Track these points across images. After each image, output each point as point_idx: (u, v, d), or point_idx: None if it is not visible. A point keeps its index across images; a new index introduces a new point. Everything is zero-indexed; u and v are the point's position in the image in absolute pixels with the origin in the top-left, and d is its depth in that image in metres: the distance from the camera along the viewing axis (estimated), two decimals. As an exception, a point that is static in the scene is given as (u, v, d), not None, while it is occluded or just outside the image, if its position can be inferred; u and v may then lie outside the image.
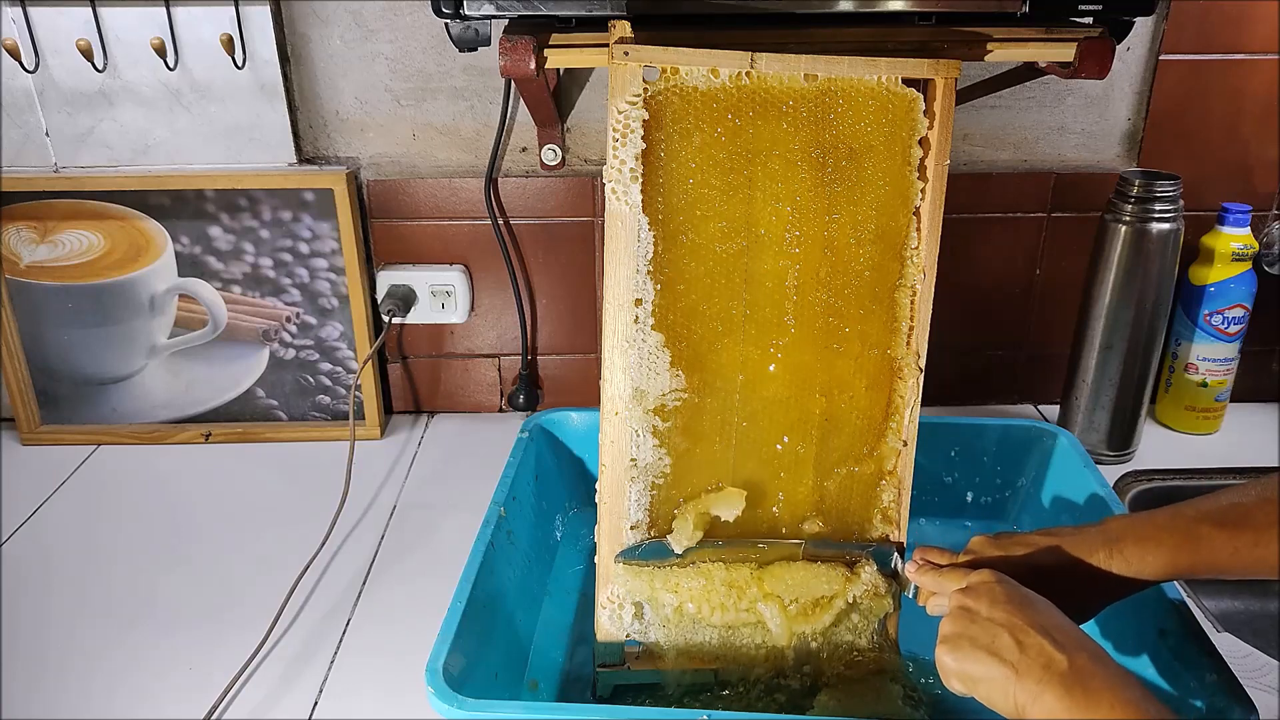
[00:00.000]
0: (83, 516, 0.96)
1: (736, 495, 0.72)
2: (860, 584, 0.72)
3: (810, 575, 0.72)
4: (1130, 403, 1.00)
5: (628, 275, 0.67)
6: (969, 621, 0.57)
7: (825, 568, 0.73)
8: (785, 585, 0.72)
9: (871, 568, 0.73)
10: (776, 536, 0.74)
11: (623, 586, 0.72)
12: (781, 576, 0.72)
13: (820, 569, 0.72)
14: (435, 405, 1.15)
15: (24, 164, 1.02)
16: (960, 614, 0.58)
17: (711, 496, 0.72)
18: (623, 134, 0.65)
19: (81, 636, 0.80)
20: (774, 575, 0.72)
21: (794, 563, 0.73)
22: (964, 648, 0.56)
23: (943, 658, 0.57)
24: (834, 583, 0.72)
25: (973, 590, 0.59)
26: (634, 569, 0.72)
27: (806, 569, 0.72)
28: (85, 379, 1.08)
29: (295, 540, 0.90)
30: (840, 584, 0.72)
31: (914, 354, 0.72)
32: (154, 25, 0.96)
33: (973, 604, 0.58)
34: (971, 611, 0.57)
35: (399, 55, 1.00)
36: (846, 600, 0.72)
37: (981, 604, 0.57)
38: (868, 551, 0.74)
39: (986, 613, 0.56)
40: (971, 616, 0.57)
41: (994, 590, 0.58)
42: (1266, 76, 1.00)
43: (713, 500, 0.72)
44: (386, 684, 0.75)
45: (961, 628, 0.57)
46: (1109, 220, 0.96)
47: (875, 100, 0.68)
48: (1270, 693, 0.71)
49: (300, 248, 1.04)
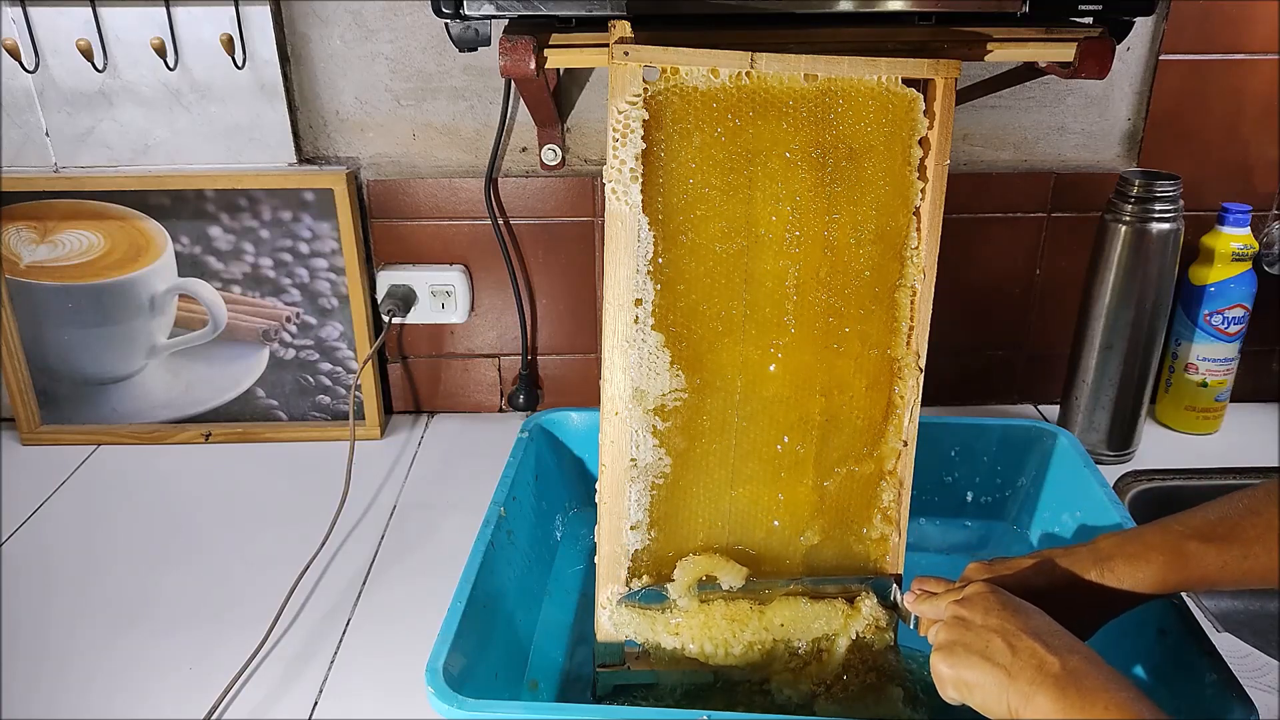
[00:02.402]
0: (83, 516, 0.96)
1: (739, 572, 0.72)
2: (861, 619, 0.72)
3: (810, 613, 0.72)
4: (1130, 403, 1.00)
5: (628, 275, 0.67)
6: (963, 629, 0.57)
7: (825, 605, 0.72)
8: (786, 621, 0.72)
9: (871, 600, 0.73)
10: (774, 554, 0.74)
11: (627, 628, 0.72)
12: (781, 612, 0.72)
13: (820, 606, 0.72)
14: (435, 405, 1.15)
15: (24, 164, 1.02)
16: (955, 623, 0.58)
17: (717, 562, 0.72)
18: (623, 134, 0.65)
19: (81, 636, 0.80)
20: (774, 610, 0.72)
21: (793, 599, 0.73)
22: (958, 654, 0.56)
23: (938, 665, 0.58)
24: (833, 620, 0.72)
25: (967, 600, 0.59)
26: (635, 611, 0.72)
27: (807, 606, 0.72)
28: (85, 379, 1.08)
29: (295, 540, 0.90)
30: (841, 620, 0.72)
31: (914, 354, 0.72)
32: (154, 25, 0.96)
33: (967, 613, 0.58)
34: (965, 620, 0.58)
35: (399, 55, 1.00)
36: (849, 638, 0.72)
37: (975, 612, 0.58)
38: (866, 585, 0.74)
39: (980, 620, 0.57)
40: (965, 624, 0.58)
41: (987, 599, 0.59)
42: (1266, 76, 1.00)
43: (717, 565, 0.72)
44: (386, 684, 0.75)
45: (956, 635, 0.57)
46: (1109, 220, 0.96)
47: (875, 100, 0.68)
48: (1270, 693, 0.71)
49: (300, 248, 1.04)
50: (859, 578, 0.75)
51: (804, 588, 0.74)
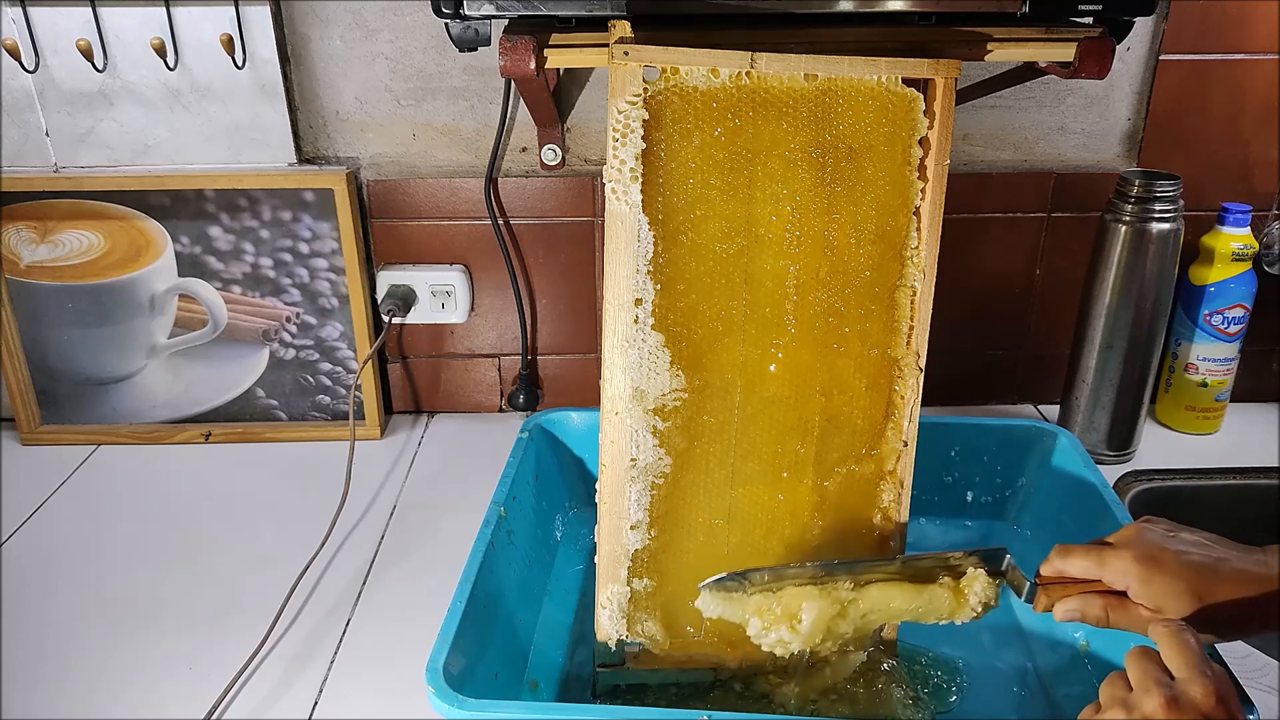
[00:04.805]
0: (83, 516, 0.96)
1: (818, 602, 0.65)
2: (970, 604, 0.65)
3: (916, 598, 0.65)
4: (1130, 403, 1.00)
5: (628, 275, 0.67)
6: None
7: (932, 589, 0.66)
8: (888, 610, 0.66)
9: (982, 581, 0.66)
10: (774, 554, 0.72)
11: (713, 611, 0.66)
12: (884, 601, 0.65)
13: (925, 591, 0.66)
14: (435, 405, 1.15)
15: (24, 164, 1.02)
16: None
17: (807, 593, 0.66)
18: (623, 134, 0.65)
19: (81, 636, 0.80)
20: (873, 597, 0.65)
21: (892, 586, 0.66)
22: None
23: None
24: (941, 607, 0.66)
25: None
26: (724, 594, 0.66)
27: (912, 591, 0.66)
28: (85, 379, 1.08)
29: (295, 540, 0.90)
30: (949, 606, 0.66)
31: (914, 354, 0.72)
32: (154, 25, 0.96)
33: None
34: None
35: (399, 55, 1.00)
36: (961, 619, 0.66)
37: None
38: (973, 556, 0.66)
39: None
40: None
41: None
42: (1266, 76, 1.00)
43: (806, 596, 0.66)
44: (386, 684, 0.75)
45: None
46: (1109, 220, 0.96)
47: (875, 100, 0.68)
48: (1270, 693, 0.71)
49: (300, 248, 1.04)
50: (960, 548, 0.67)
51: (900, 567, 0.67)
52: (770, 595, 0.66)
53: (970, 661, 0.77)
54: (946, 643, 0.78)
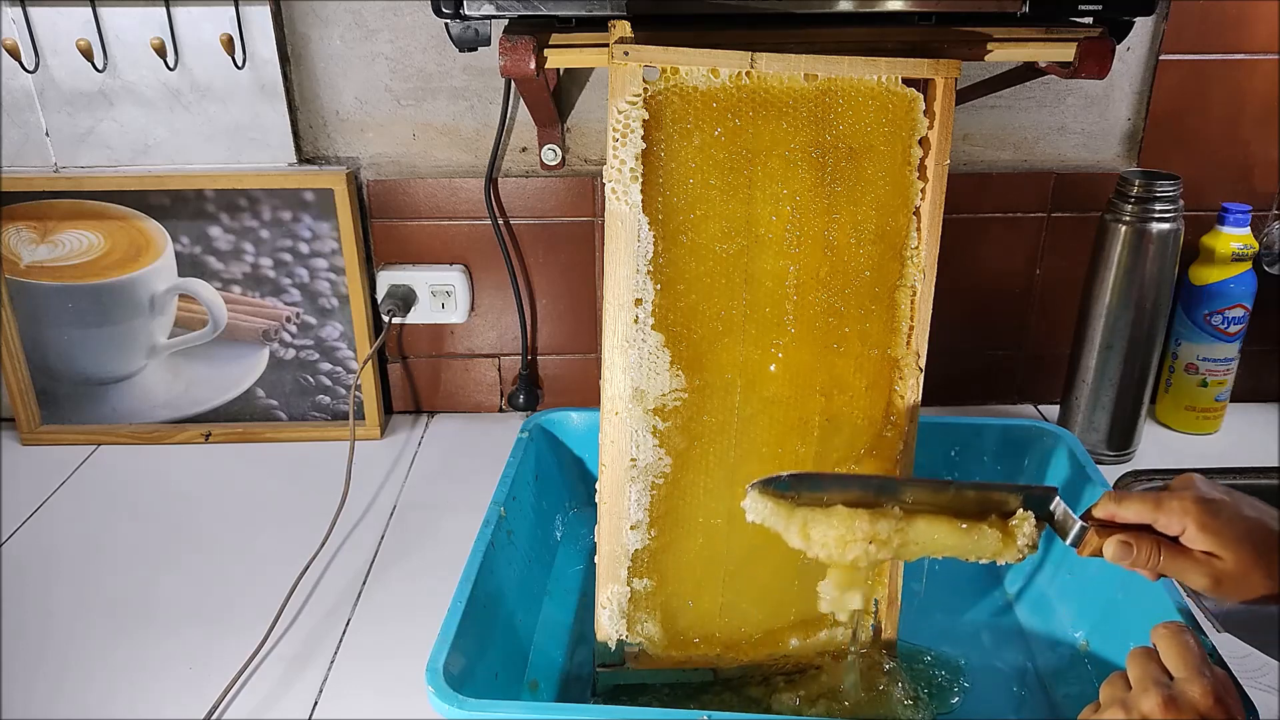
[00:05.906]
0: (83, 516, 0.96)
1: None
2: (1018, 545, 0.64)
3: (964, 538, 0.64)
4: (1130, 403, 1.00)
5: (628, 275, 0.67)
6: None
7: (980, 528, 0.64)
8: (931, 544, 0.64)
9: (1029, 525, 0.64)
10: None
11: (758, 514, 0.65)
12: (930, 534, 0.64)
13: (974, 531, 0.64)
14: (435, 405, 1.15)
15: (24, 164, 1.02)
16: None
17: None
18: (623, 134, 0.65)
19: (81, 636, 0.80)
20: (920, 529, 0.64)
21: (939, 520, 0.64)
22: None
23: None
24: (986, 547, 0.64)
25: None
26: (771, 499, 0.64)
27: (958, 530, 0.64)
28: (85, 379, 1.08)
29: (295, 540, 0.90)
30: (994, 547, 0.64)
31: (914, 354, 0.72)
32: (154, 25, 0.96)
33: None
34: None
35: (399, 55, 1.00)
36: (1004, 561, 0.64)
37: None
38: (1020, 496, 0.65)
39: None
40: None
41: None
42: (1266, 76, 1.00)
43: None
44: (386, 684, 0.75)
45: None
46: (1109, 220, 0.96)
47: (875, 100, 0.68)
48: (1270, 693, 0.71)
49: (300, 248, 1.04)
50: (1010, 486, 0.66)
51: (953, 496, 0.65)
52: (817, 511, 0.64)
53: (970, 661, 0.77)
54: (947, 642, 0.78)
